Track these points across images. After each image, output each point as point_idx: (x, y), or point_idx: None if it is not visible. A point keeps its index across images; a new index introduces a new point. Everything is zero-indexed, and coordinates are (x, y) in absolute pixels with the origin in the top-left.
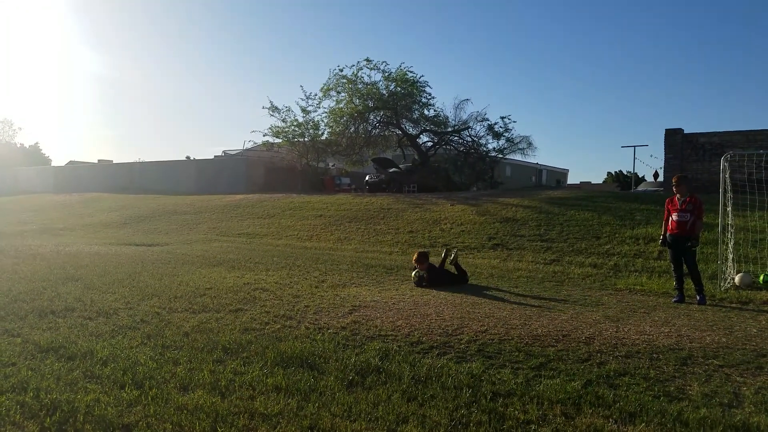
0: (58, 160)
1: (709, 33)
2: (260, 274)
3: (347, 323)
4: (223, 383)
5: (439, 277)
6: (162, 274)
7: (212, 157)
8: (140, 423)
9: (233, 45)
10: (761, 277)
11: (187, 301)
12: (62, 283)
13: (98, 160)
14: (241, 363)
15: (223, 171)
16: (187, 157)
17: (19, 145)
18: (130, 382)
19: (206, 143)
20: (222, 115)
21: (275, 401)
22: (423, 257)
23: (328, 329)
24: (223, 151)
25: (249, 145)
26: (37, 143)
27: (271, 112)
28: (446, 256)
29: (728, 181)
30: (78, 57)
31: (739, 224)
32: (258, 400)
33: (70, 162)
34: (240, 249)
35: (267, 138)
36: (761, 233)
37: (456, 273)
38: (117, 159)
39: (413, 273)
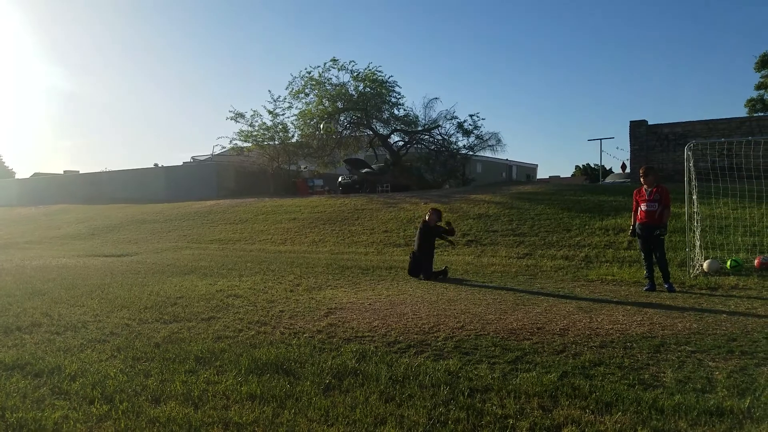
0: (23, 172)
1: (670, 27)
2: (233, 281)
3: (323, 326)
4: (196, 394)
5: (430, 234)
6: (131, 284)
7: (181, 163)
8: None
9: (196, 48)
10: (728, 263)
11: (158, 311)
12: (28, 298)
13: (64, 171)
14: (215, 372)
15: (192, 177)
16: (156, 165)
17: None
18: (99, 396)
19: (174, 149)
20: (189, 121)
21: (250, 409)
22: (438, 213)
23: (304, 333)
24: (192, 157)
25: (218, 150)
26: None
27: (236, 120)
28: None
29: (692, 169)
30: (37, 70)
31: (705, 212)
32: (232, 409)
33: (35, 174)
34: (212, 256)
35: (236, 142)
36: (726, 219)
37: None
38: (83, 169)
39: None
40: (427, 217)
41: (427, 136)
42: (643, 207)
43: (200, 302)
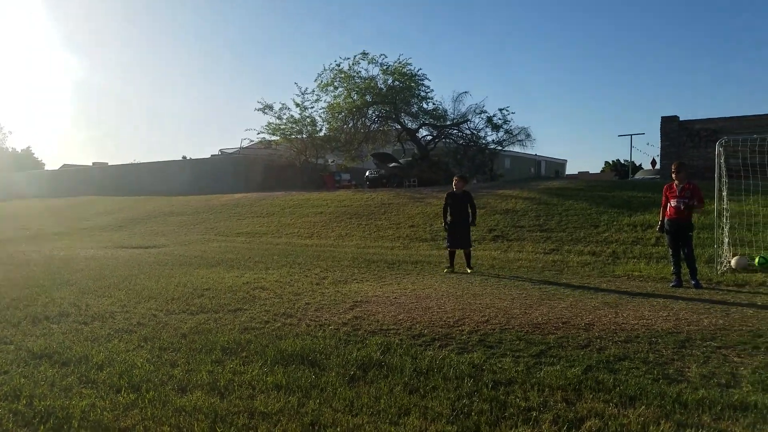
0: (52, 164)
1: (702, 21)
2: (260, 273)
3: (349, 319)
4: (222, 383)
5: (465, 201)
6: (159, 276)
7: (209, 156)
8: (137, 426)
9: (225, 40)
10: (757, 260)
11: (185, 302)
12: (56, 288)
13: (93, 163)
14: (241, 363)
15: (220, 170)
16: (183, 157)
17: (10, 150)
18: (126, 385)
19: (202, 142)
20: (218, 114)
21: (275, 399)
22: (464, 179)
23: (330, 326)
24: (220, 150)
25: (246, 144)
26: (29, 147)
27: (264, 111)
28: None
29: (723, 166)
30: (67, 61)
31: (735, 209)
32: (258, 398)
33: (64, 165)
34: (239, 248)
35: (263, 135)
36: (756, 216)
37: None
38: (112, 161)
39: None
40: (454, 187)
41: (455, 131)
42: (672, 203)
43: (227, 294)
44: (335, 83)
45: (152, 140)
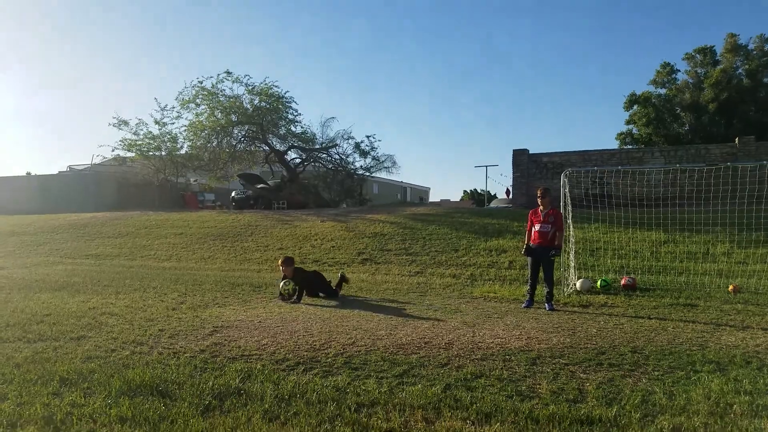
0: None
1: (552, 65)
2: (108, 298)
3: (207, 345)
4: (59, 417)
5: (309, 282)
6: None
7: (56, 172)
8: None
9: (76, 49)
10: (599, 282)
11: (21, 329)
12: None
13: None
14: (81, 394)
15: (69, 188)
16: (28, 173)
17: None
18: None
19: (50, 157)
20: (67, 128)
21: None
22: (289, 261)
23: (185, 353)
24: (69, 167)
25: (98, 160)
26: None
27: (119, 127)
28: (342, 280)
29: (568, 195)
30: None
31: (579, 235)
32: None
33: None
34: (87, 271)
35: (118, 152)
36: (597, 243)
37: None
38: None
39: (281, 285)
40: (284, 273)
41: (324, 155)
42: (536, 227)
43: (70, 320)
44: (197, 101)
45: None
